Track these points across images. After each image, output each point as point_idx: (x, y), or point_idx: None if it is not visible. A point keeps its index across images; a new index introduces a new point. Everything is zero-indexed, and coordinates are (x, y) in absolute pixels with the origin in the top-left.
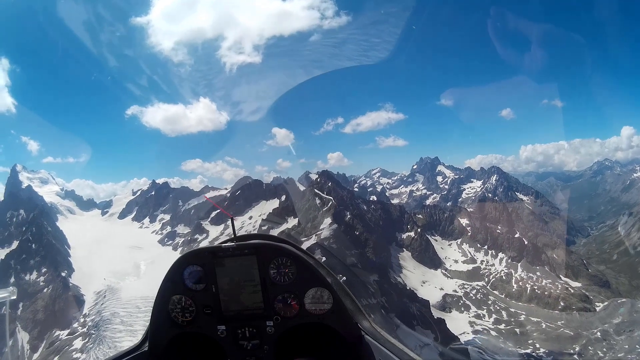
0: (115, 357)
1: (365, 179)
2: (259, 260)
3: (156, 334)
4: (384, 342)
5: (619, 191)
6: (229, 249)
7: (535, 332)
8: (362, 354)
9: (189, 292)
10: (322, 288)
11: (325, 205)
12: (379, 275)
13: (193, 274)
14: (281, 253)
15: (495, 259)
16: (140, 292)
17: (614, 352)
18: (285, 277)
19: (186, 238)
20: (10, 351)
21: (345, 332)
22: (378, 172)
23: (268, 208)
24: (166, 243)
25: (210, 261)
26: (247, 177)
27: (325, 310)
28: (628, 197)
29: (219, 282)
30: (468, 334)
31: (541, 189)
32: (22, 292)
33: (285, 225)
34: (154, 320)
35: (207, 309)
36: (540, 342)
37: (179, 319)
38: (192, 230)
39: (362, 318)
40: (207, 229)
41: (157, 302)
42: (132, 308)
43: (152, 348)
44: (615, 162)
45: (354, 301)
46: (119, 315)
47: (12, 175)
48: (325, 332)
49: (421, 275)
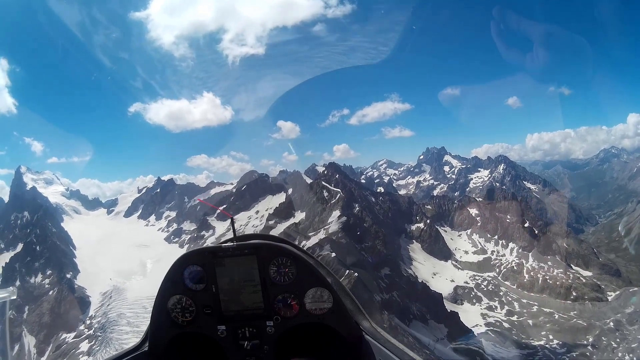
0: (116, 357)
1: (372, 170)
2: (259, 260)
3: (156, 334)
4: (384, 342)
5: (626, 179)
6: (229, 249)
7: (548, 323)
8: (362, 354)
9: (189, 292)
10: (322, 288)
11: (333, 197)
12: (390, 268)
13: (193, 274)
14: (281, 253)
15: (506, 249)
16: (146, 291)
17: (627, 343)
18: (285, 277)
19: (192, 235)
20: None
21: (345, 332)
22: (385, 164)
23: (275, 202)
24: (172, 240)
25: (210, 261)
26: (252, 171)
27: (325, 310)
28: (635, 184)
29: (219, 282)
30: (481, 327)
31: (548, 178)
32: (28, 295)
33: (292, 220)
34: (154, 320)
35: (207, 309)
36: (554, 334)
37: (179, 319)
38: (198, 227)
39: (362, 318)
40: (214, 225)
41: (157, 302)
42: (139, 308)
43: (152, 348)
44: (622, 150)
45: (354, 301)
46: (125, 316)
47: (16, 177)
48: (325, 332)
49: (432, 267)
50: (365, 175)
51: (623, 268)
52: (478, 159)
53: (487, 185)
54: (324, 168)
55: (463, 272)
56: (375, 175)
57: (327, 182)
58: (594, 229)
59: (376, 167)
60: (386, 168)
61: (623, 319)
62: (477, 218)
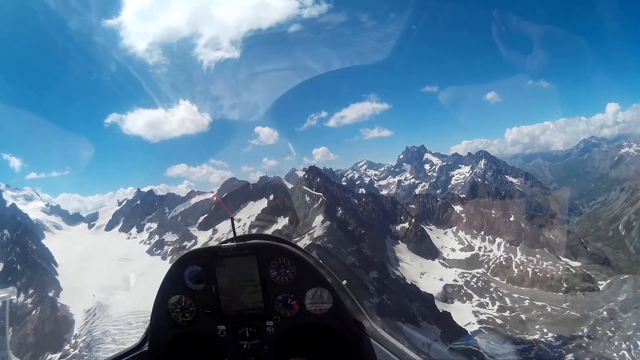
0: (115, 357)
1: (352, 172)
2: (259, 260)
3: (156, 334)
4: (384, 342)
5: (608, 168)
6: (229, 248)
7: (541, 316)
8: (362, 354)
9: (188, 292)
10: (322, 288)
11: (316, 202)
12: (378, 271)
13: (193, 274)
14: (281, 253)
15: (493, 245)
16: (130, 307)
17: (622, 331)
18: (285, 277)
19: (175, 246)
20: None
21: (345, 332)
22: (364, 165)
23: (257, 209)
24: (155, 253)
25: (210, 261)
26: (232, 178)
27: (325, 310)
28: (617, 173)
29: (218, 282)
30: (473, 324)
31: (529, 171)
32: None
33: (275, 226)
34: (154, 320)
35: (207, 309)
36: (548, 327)
37: (178, 319)
38: (180, 238)
39: (362, 318)
40: (196, 235)
41: (157, 302)
42: (124, 325)
43: (152, 348)
44: (601, 140)
45: (354, 301)
46: (110, 333)
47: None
48: (325, 332)
49: (419, 266)
50: (345, 178)
51: (611, 256)
52: (458, 156)
53: (469, 182)
54: (304, 172)
55: (451, 270)
56: (356, 177)
57: (308, 186)
58: (579, 219)
59: (356, 169)
60: (366, 169)
61: (616, 307)
62: (462, 215)
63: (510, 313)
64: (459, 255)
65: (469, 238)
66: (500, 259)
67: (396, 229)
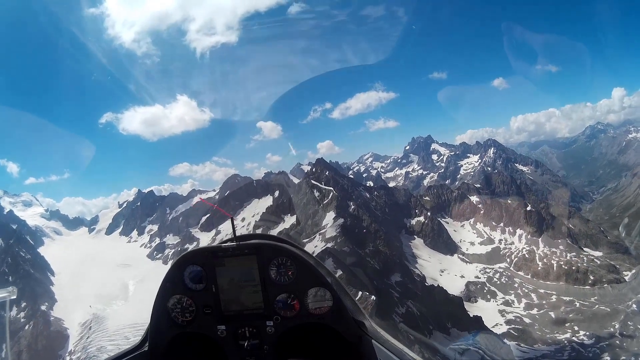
0: (115, 357)
1: (358, 165)
2: (259, 260)
3: (156, 334)
4: (384, 342)
5: (616, 153)
6: (229, 248)
7: (570, 313)
8: (362, 354)
9: (188, 292)
10: (322, 288)
11: (326, 197)
12: (401, 273)
13: (193, 274)
14: (281, 253)
15: (514, 237)
16: (128, 319)
17: None
18: (286, 277)
19: (176, 249)
20: None
21: (346, 332)
22: (370, 157)
23: (261, 207)
24: (155, 257)
25: (211, 261)
26: (235, 175)
27: (326, 310)
28: (626, 158)
29: (219, 282)
30: (501, 325)
31: (536, 159)
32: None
33: (282, 225)
34: (154, 320)
35: (207, 309)
36: (578, 324)
37: (179, 319)
38: (181, 240)
39: (362, 318)
40: (198, 237)
41: (157, 302)
42: (120, 339)
43: (152, 348)
44: (607, 125)
45: (354, 301)
46: (105, 349)
47: None
48: (325, 332)
49: (438, 263)
50: (352, 171)
51: (630, 245)
52: (466, 145)
53: (479, 171)
54: (311, 166)
55: (472, 266)
56: (363, 170)
57: (316, 180)
58: (591, 206)
59: (362, 162)
60: (372, 161)
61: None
62: (479, 206)
63: (538, 310)
64: (479, 250)
65: (487, 230)
66: (522, 251)
67: (411, 223)
